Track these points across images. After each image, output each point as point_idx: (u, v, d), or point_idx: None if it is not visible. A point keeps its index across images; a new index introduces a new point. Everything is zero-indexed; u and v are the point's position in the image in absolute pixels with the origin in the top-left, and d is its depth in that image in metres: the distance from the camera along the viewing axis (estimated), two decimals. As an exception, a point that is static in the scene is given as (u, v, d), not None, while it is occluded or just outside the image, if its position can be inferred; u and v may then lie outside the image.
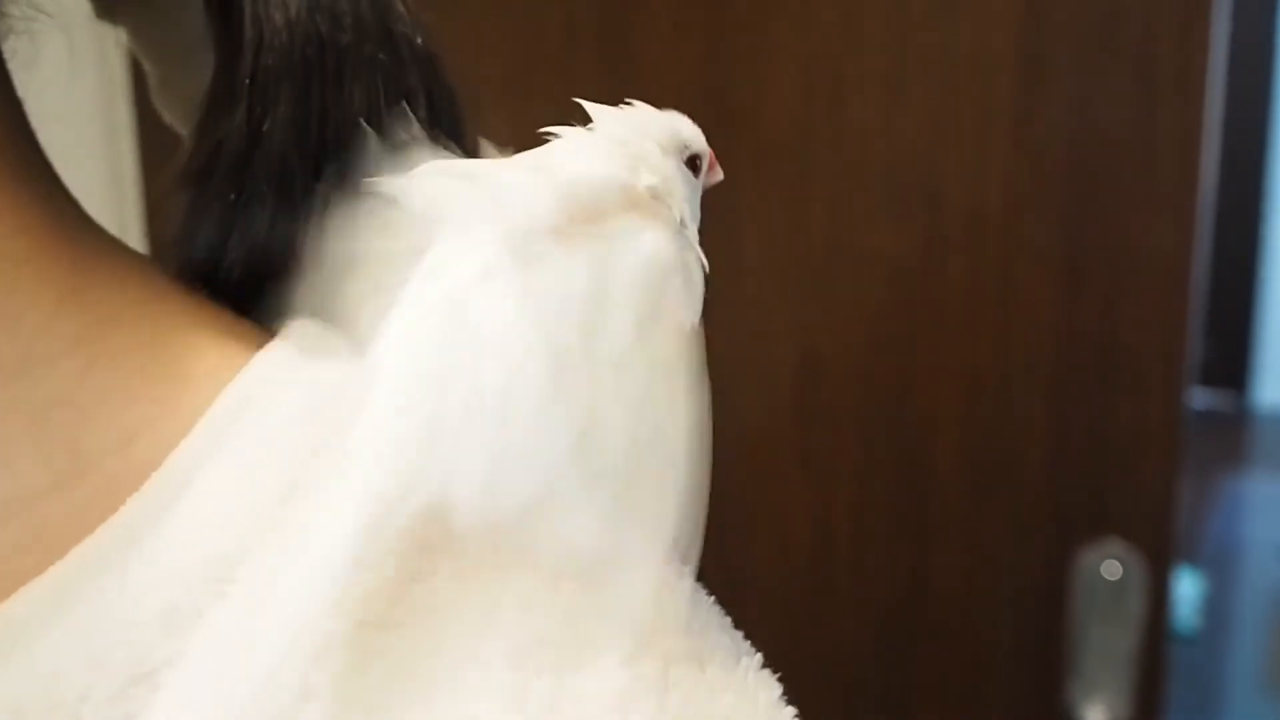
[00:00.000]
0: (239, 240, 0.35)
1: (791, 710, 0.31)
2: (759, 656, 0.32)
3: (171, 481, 0.31)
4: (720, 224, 1.04)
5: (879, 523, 1.06)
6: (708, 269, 0.33)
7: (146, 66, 0.40)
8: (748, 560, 1.08)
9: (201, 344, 0.34)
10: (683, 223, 0.33)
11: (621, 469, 0.30)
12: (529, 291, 0.29)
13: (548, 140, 0.33)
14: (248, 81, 0.34)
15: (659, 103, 0.34)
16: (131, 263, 0.35)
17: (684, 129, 0.35)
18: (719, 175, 0.36)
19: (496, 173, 0.32)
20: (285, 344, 0.34)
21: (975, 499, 1.05)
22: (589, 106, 0.34)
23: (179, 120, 0.40)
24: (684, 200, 0.33)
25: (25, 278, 0.31)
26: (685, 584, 0.32)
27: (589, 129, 0.33)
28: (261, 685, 0.28)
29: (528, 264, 0.30)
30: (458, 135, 0.36)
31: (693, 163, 0.35)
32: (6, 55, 0.34)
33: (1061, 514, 1.04)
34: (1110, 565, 1.03)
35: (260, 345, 0.34)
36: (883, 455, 1.06)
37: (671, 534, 0.31)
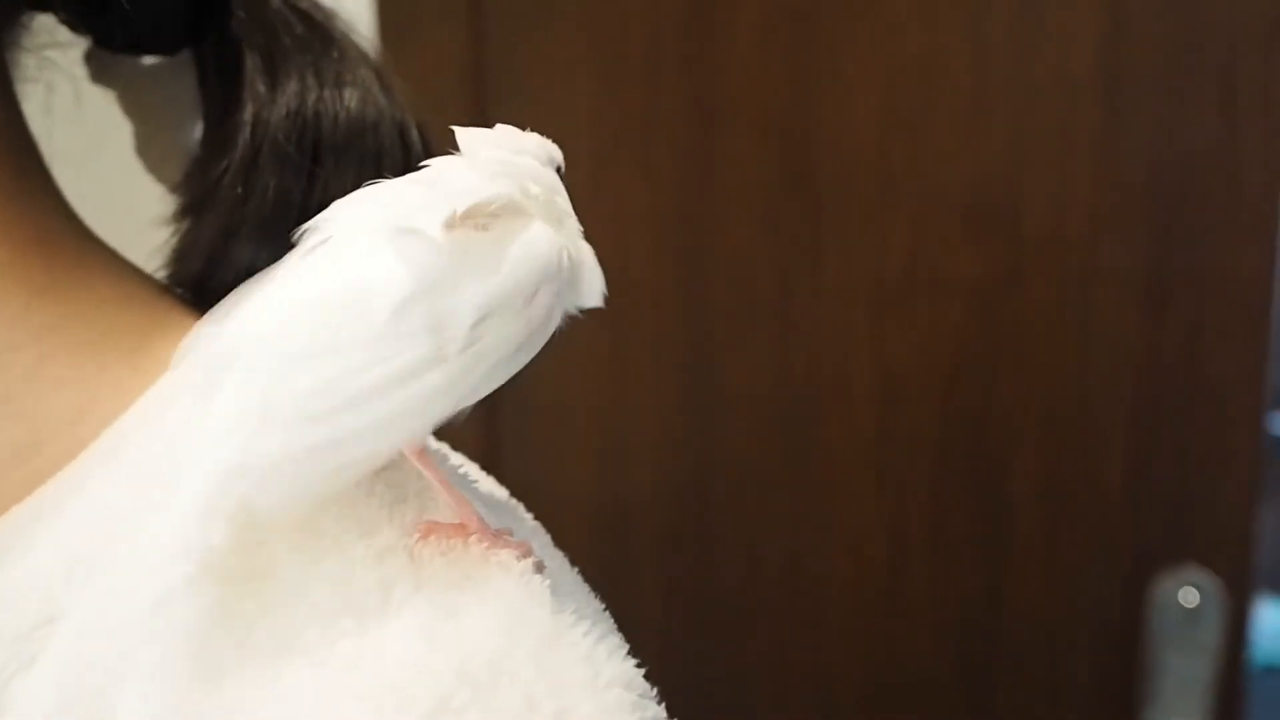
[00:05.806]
0: (228, 266, 0.40)
1: (636, 694, 0.33)
2: (608, 633, 0.34)
3: (101, 453, 0.36)
4: (801, 246, 1.05)
5: (956, 545, 1.06)
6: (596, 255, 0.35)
7: (133, 123, 0.45)
8: (824, 580, 1.08)
9: (160, 339, 0.39)
10: (568, 214, 0.36)
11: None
12: (407, 270, 0.31)
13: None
14: (246, 139, 0.39)
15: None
16: (108, 269, 0.40)
17: (551, 146, 0.37)
18: None
19: (392, 189, 0.34)
20: None
21: (1053, 523, 1.04)
22: (461, 132, 0.36)
23: (158, 171, 0.45)
24: (566, 199, 0.36)
25: (3, 278, 0.37)
26: (522, 564, 0.34)
27: (470, 153, 0.36)
28: (130, 627, 0.31)
29: (405, 245, 0.32)
30: None
31: (559, 173, 0.38)
32: (21, 96, 0.39)
33: (1140, 539, 1.03)
34: (1188, 592, 1.01)
35: None
36: (960, 478, 1.05)
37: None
